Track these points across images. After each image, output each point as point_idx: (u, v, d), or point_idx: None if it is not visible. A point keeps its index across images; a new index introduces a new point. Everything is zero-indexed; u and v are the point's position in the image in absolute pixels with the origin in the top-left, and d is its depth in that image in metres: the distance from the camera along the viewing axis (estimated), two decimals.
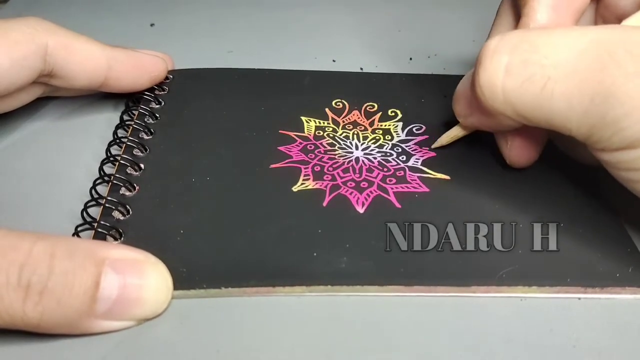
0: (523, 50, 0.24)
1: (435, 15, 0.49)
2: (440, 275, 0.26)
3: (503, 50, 0.25)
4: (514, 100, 0.25)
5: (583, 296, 0.25)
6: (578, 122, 0.24)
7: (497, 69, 0.25)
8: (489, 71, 0.25)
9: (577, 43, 0.24)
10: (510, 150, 0.30)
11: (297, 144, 0.33)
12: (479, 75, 0.25)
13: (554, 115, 0.24)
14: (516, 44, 0.25)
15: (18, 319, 0.22)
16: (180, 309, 0.25)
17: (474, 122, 0.29)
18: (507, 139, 0.29)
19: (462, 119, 0.30)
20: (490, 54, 0.25)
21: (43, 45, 0.31)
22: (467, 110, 0.29)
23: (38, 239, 0.22)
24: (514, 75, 0.25)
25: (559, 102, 0.24)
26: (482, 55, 0.26)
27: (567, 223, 0.28)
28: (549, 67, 0.24)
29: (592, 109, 0.23)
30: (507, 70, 0.25)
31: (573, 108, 0.23)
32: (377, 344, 0.24)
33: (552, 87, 0.24)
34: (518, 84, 0.24)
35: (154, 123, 0.34)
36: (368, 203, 0.29)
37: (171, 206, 0.29)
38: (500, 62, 0.25)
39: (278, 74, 0.39)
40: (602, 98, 0.23)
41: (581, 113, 0.23)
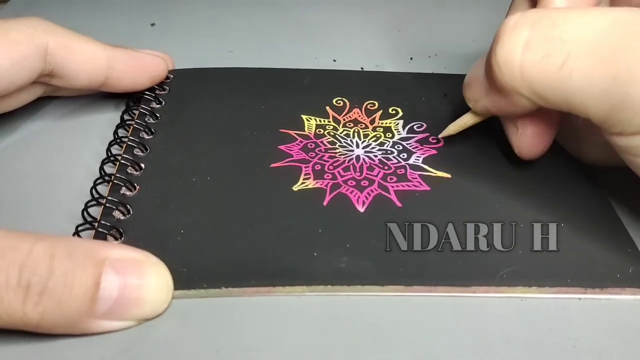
0: (544, 26, 0.24)
1: (435, 15, 0.49)
2: (440, 275, 0.26)
3: (523, 25, 0.24)
4: (531, 77, 0.24)
5: (583, 296, 0.25)
6: (598, 101, 0.23)
7: (516, 43, 0.24)
8: (508, 46, 0.25)
9: (599, 22, 0.23)
10: (520, 138, 0.29)
11: (297, 143, 0.33)
12: (496, 51, 0.25)
13: (572, 94, 0.23)
14: (537, 20, 0.24)
15: (18, 319, 0.22)
16: (181, 309, 0.25)
17: (487, 105, 0.28)
18: (518, 126, 0.29)
19: (472, 103, 0.29)
20: (509, 29, 0.25)
21: (43, 45, 0.31)
22: (480, 93, 0.28)
23: (38, 239, 0.22)
24: (533, 50, 0.24)
25: (578, 79, 0.23)
26: (501, 30, 0.25)
27: (567, 223, 0.28)
28: (570, 43, 0.23)
29: (614, 88, 0.22)
30: (526, 45, 0.24)
31: (593, 87, 0.23)
32: (377, 344, 0.24)
33: (572, 64, 0.23)
34: (537, 60, 0.24)
35: (154, 123, 0.34)
36: (369, 202, 0.29)
37: (172, 206, 0.29)
38: (519, 36, 0.24)
39: (278, 73, 0.39)
40: (624, 78, 0.22)
41: (601, 92, 0.23)
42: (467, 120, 0.30)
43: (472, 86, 0.29)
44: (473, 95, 0.29)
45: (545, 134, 0.29)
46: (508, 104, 0.27)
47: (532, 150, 0.29)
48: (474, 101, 0.29)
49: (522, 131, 0.29)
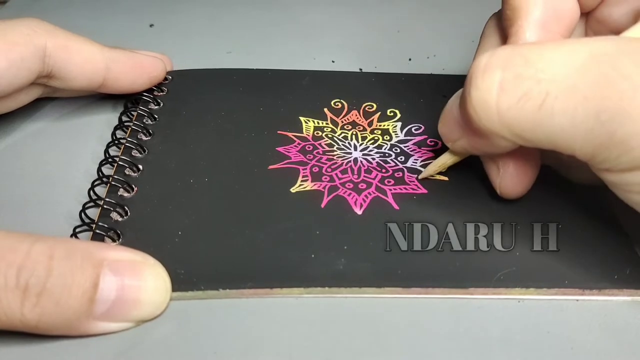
0: (517, 64, 0.23)
1: (434, 16, 0.49)
2: (437, 277, 0.26)
3: (495, 65, 0.23)
4: (510, 120, 0.23)
5: (580, 298, 0.25)
6: (582, 140, 0.22)
7: (490, 86, 0.23)
8: (482, 89, 0.23)
9: (574, 57, 0.22)
10: (502, 178, 0.27)
11: (295, 145, 0.33)
12: (470, 94, 0.24)
13: (555, 134, 0.22)
14: (508, 58, 0.23)
15: (16, 320, 0.22)
16: (178, 310, 0.25)
17: (465, 146, 0.27)
18: (499, 166, 0.27)
19: (451, 143, 0.28)
20: (481, 71, 0.23)
21: (42, 46, 0.31)
22: (457, 134, 0.27)
23: (36, 240, 0.22)
24: (508, 92, 0.23)
25: (560, 119, 0.22)
26: (472, 73, 0.24)
27: (566, 224, 0.28)
28: (547, 82, 0.22)
29: (598, 127, 0.21)
30: (501, 87, 0.23)
31: (576, 126, 0.21)
32: (375, 346, 0.24)
33: (552, 104, 0.22)
34: (514, 102, 0.22)
35: (152, 124, 0.34)
36: (366, 205, 0.29)
37: (169, 207, 0.29)
38: (492, 78, 0.23)
39: (277, 74, 0.39)
40: (609, 115, 0.21)
41: (586, 131, 0.21)
42: (446, 160, 0.29)
43: (449, 126, 0.27)
44: (450, 135, 0.28)
45: (528, 172, 0.28)
46: (487, 145, 0.26)
47: (515, 190, 0.28)
48: (452, 141, 0.28)
49: (503, 170, 0.27)
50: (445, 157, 0.29)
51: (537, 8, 0.27)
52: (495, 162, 0.28)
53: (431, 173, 0.30)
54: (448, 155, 0.29)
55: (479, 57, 0.24)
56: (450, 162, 0.29)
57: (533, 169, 0.28)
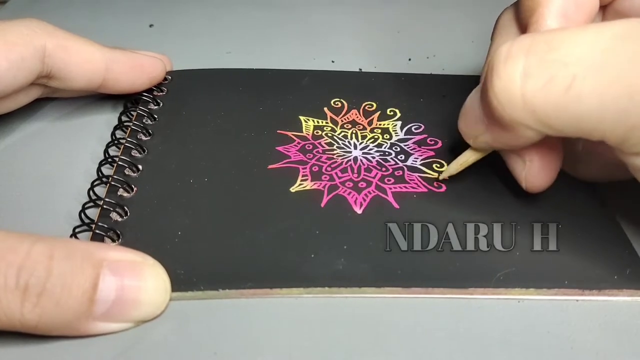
0: (540, 50, 0.22)
1: (434, 16, 0.49)
2: (437, 277, 0.26)
3: (518, 53, 0.22)
4: (536, 106, 0.22)
5: (580, 298, 0.25)
6: (613, 123, 0.21)
7: (513, 73, 0.22)
8: (505, 77, 0.23)
9: (598, 39, 0.21)
10: (529, 172, 0.27)
11: (295, 144, 0.33)
12: (492, 83, 0.23)
13: (583, 117, 0.22)
14: (531, 45, 0.22)
15: (16, 320, 0.22)
16: (178, 310, 0.25)
17: (488, 141, 0.26)
18: (525, 159, 0.27)
19: (472, 140, 0.27)
20: (503, 59, 0.23)
21: (41, 46, 0.31)
22: (478, 129, 0.26)
23: (36, 240, 0.22)
24: (533, 77, 0.22)
25: (589, 101, 0.21)
26: (494, 62, 0.23)
27: (565, 224, 0.28)
28: (573, 65, 0.21)
29: (632, 108, 0.20)
30: (525, 74, 0.22)
31: (607, 108, 0.21)
32: (375, 346, 0.24)
33: (580, 87, 0.21)
34: (539, 87, 0.22)
35: (152, 124, 0.34)
36: (366, 204, 0.29)
37: (169, 207, 0.29)
38: (516, 65, 0.22)
39: (276, 74, 0.39)
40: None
41: (618, 112, 0.21)
42: (468, 157, 0.29)
43: (469, 122, 0.27)
44: (471, 131, 0.27)
45: (554, 163, 0.27)
46: (512, 137, 0.25)
47: (542, 182, 0.27)
48: (473, 138, 0.27)
49: (529, 164, 0.27)
50: (467, 155, 0.29)
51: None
52: (520, 156, 0.27)
53: (452, 172, 0.30)
54: (470, 153, 0.28)
55: (500, 48, 0.23)
56: (472, 160, 0.29)
57: (558, 160, 0.27)
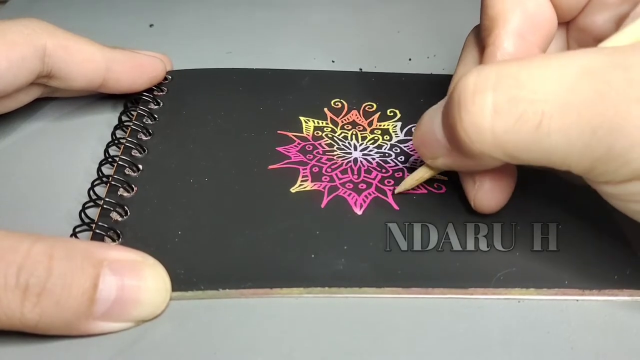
0: (508, 86, 0.22)
1: (434, 16, 0.49)
2: (437, 277, 0.26)
3: (484, 87, 0.22)
4: (506, 142, 0.22)
5: (581, 298, 0.25)
6: (579, 156, 0.22)
7: (482, 109, 0.22)
8: (473, 113, 0.23)
9: (565, 73, 0.22)
10: (477, 193, 0.27)
11: (295, 145, 0.33)
12: (461, 118, 0.23)
13: (551, 152, 0.22)
14: (498, 80, 0.22)
15: (16, 320, 0.22)
16: (178, 310, 0.25)
17: (447, 163, 0.26)
18: (475, 180, 0.27)
19: (430, 160, 0.27)
20: (470, 94, 0.23)
21: (41, 46, 0.31)
22: (438, 152, 0.26)
23: (36, 240, 0.22)
24: (503, 115, 0.22)
25: (556, 137, 0.22)
26: (461, 95, 0.23)
27: (566, 224, 0.28)
28: (541, 102, 0.21)
29: (595, 143, 0.21)
30: (495, 111, 0.22)
31: (573, 143, 0.21)
32: (375, 346, 0.24)
33: (548, 124, 0.21)
34: (510, 124, 0.22)
35: (152, 124, 0.34)
36: (366, 205, 0.29)
37: (169, 207, 0.29)
38: (484, 101, 0.22)
39: (277, 74, 0.39)
40: (605, 130, 0.21)
41: (582, 148, 0.21)
42: (424, 173, 0.28)
43: (428, 144, 0.26)
44: (431, 154, 0.27)
45: (505, 188, 0.27)
46: (473, 164, 0.25)
47: (490, 206, 0.27)
48: (431, 159, 0.27)
49: (479, 186, 0.27)
50: (423, 171, 0.28)
51: (514, 17, 0.27)
52: (472, 177, 0.27)
53: (408, 187, 0.29)
54: (426, 169, 0.28)
55: (465, 79, 0.23)
56: (428, 176, 0.29)
57: (509, 185, 0.27)
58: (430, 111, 0.26)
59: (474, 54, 0.29)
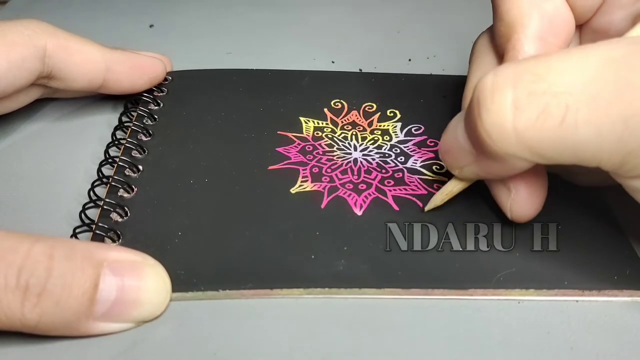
0: (528, 80, 0.21)
1: (434, 17, 0.49)
2: (437, 278, 0.26)
3: (503, 84, 0.22)
4: (530, 139, 0.21)
5: (580, 299, 0.25)
6: (610, 150, 0.21)
7: (503, 107, 0.22)
8: (494, 112, 0.22)
9: (587, 63, 0.21)
10: (514, 202, 0.26)
11: (295, 145, 0.33)
12: (482, 118, 0.22)
13: (579, 147, 0.21)
14: (516, 75, 0.22)
15: (16, 320, 0.22)
16: (179, 311, 0.25)
17: (476, 171, 0.25)
18: (510, 188, 0.26)
19: (457, 171, 0.26)
20: (489, 93, 0.22)
21: (41, 47, 0.31)
22: (465, 160, 0.25)
23: (37, 240, 0.22)
24: (525, 110, 0.21)
25: (585, 131, 0.20)
26: (479, 95, 0.22)
27: (566, 224, 0.28)
28: (564, 95, 0.21)
29: (627, 134, 0.20)
30: (515, 107, 0.21)
31: (604, 137, 0.20)
32: (375, 347, 0.24)
33: (574, 117, 0.20)
34: (532, 120, 0.21)
35: (152, 124, 0.34)
36: (366, 205, 0.29)
37: (169, 208, 0.29)
38: (504, 99, 0.22)
39: (277, 75, 0.39)
40: (638, 120, 0.20)
41: (614, 141, 0.20)
42: (453, 187, 0.28)
43: (454, 154, 0.26)
44: (457, 163, 0.26)
45: (540, 192, 0.26)
46: (502, 168, 0.24)
47: (529, 212, 0.26)
48: (459, 169, 0.26)
49: (515, 193, 0.26)
50: (452, 184, 0.28)
51: (533, 21, 0.26)
52: (506, 185, 0.26)
53: (438, 203, 0.28)
54: (455, 182, 0.27)
55: (483, 80, 0.22)
56: (457, 190, 0.28)
57: (543, 188, 0.26)
58: (454, 120, 0.26)
59: (489, 60, 0.29)
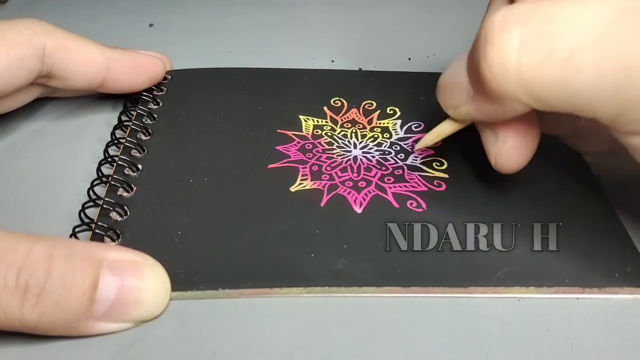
0: (539, 20, 0.21)
1: (434, 16, 0.49)
2: (437, 276, 0.26)
3: (514, 22, 0.21)
4: (531, 79, 0.21)
5: (581, 296, 0.25)
6: (609, 99, 0.21)
7: (509, 44, 0.21)
8: (500, 48, 0.21)
9: (600, 11, 0.20)
10: (500, 150, 0.26)
11: (295, 144, 0.33)
12: (486, 54, 0.22)
13: (578, 94, 0.21)
14: (529, 14, 0.21)
15: (16, 320, 0.22)
16: (178, 310, 0.25)
17: (470, 111, 0.25)
18: (498, 136, 0.26)
19: (452, 110, 0.26)
20: (498, 29, 0.21)
21: (41, 46, 0.31)
22: (462, 98, 0.25)
23: (36, 240, 0.22)
24: (530, 49, 0.21)
25: (586, 77, 0.20)
26: (488, 30, 0.22)
27: (566, 223, 0.28)
28: (572, 38, 0.20)
29: (628, 83, 0.20)
30: (522, 46, 0.21)
31: (604, 84, 0.20)
32: (375, 345, 0.24)
33: (578, 61, 0.20)
34: (537, 60, 0.21)
35: (152, 124, 0.34)
36: (366, 203, 0.29)
37: (169, 207, 0.29)
38: (512, 35, 0.21)
39: (276, 73, 0.39)
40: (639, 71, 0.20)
41: (613, 89, 0.20)
42: (445, 128, 0.28)
43: (451, 91, 0.26)
44: (452, 101, 0.26)
45: (528, 144, 0.26)
46: (497, 110, 0.24)
47: (511, 164, 0.26)
48: (453, 108, 0.26)
49: (502, 140, 0.26)
50: (444, 125, 0.27)
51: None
52: (495, 132, 0.26)
53: (429, 143, 0.29)
54: (447, 123, 0.27)
55: (493, 16, 0.22)
56: (449, 131, 0.27)
57: (533, 144, 0.26)
58: (456, 60, 0.26)
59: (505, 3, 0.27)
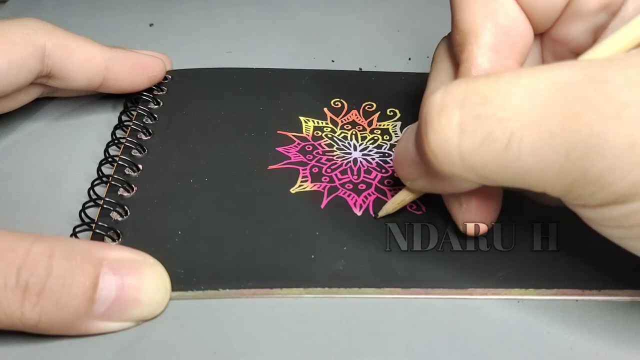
0: (475, 103, 0.20)
1: (434, 16, 0.49)
2: (437, 277, 0.26)
3: (451, 105, 0.21)
4: (474, 163, 0.21)
5: (580, 298, 0.25)
6: (554, 179, 0.20)
7: (448, 128, 0.21)
8: (440, 132, 0.21)
9: (535, 88, 0.20)
10: (465, 214, 0.26)
11: (295, 145, 0.33)
12: (428, 137, 0.21)
13: (524, 174, 0.20)
14: (465, 97, 0.21)
15: (16, 320, 0.22)
16: (178, 310, 0.25)
17: (425, 186, 0.25)
18: (461, 201, 0.26)
19: (409, 182, 0.26)
20: (437, 112, 0.21)
21: (41, 46, 0.31)
22: (415, 173, 0.25)
23: (36, 240, 0.22)
24: (470, 134, 0.20)
25: (528, 159, 0.20)
26: (428, 113, 0.21)
27: (566, 224, 0.28)
28: (509, 121, 0.20)
29: (569, 165, 0.19)
30: (461, 130, 0.21)
31: (546, 166, 0.20)
32: (374, 346, 0.24)
33: (518, 144, 0.20)
34: (477, 145, 0.20)
35: (152, 124, 0.34)
36: (366, 206, 0.29)
37: (169, 207, 0.29)
38: (451, 120, 0.21)
39: (276, 74, 0.39)
40: (580, 152, 0.19)
41: (557, 170, 0.20)
42: (405, 197, 0.27)
43: (405, 166, 0.25)
44: (408, 175, 0.25)
45: (492, 207, 0.26)
46: (449, 186, 0.24)
47: (482, 226, 0.26)
48: (410, 181, 0.26)
49: (466, 207, 0.26)
50: (403, 195, 0.27)
51: (487, 32, 0.25)
52: (457, 199, 0.26)
53: (390, 211, 0.28)
54: (407, 193, 0.27)
55: (432, 96, 0.22)
56: (409, 200, 0.28)
57: (497, 202, 0.26)
58: (408, 130, 0.25)
59: (447, 68, 0.28)
